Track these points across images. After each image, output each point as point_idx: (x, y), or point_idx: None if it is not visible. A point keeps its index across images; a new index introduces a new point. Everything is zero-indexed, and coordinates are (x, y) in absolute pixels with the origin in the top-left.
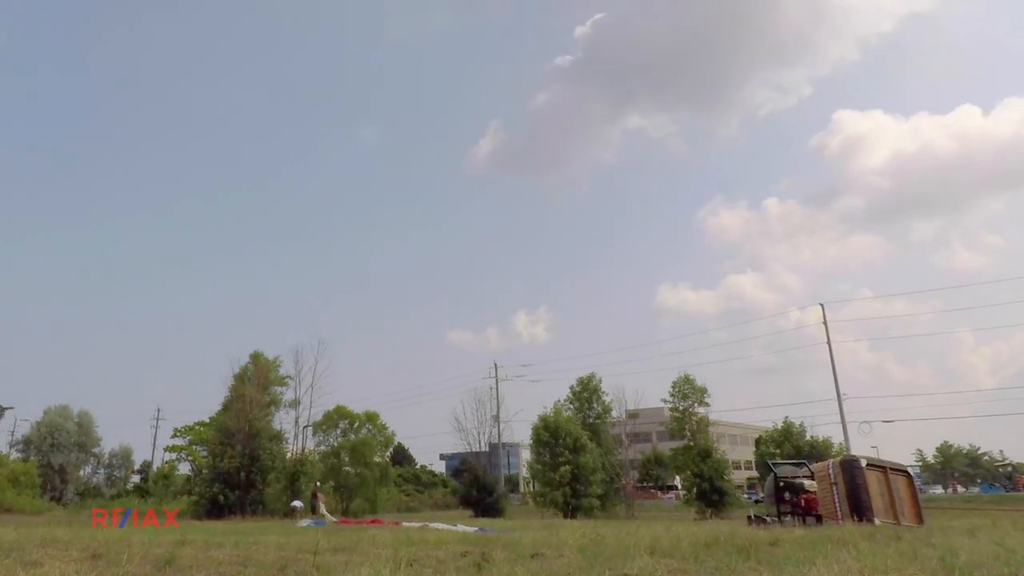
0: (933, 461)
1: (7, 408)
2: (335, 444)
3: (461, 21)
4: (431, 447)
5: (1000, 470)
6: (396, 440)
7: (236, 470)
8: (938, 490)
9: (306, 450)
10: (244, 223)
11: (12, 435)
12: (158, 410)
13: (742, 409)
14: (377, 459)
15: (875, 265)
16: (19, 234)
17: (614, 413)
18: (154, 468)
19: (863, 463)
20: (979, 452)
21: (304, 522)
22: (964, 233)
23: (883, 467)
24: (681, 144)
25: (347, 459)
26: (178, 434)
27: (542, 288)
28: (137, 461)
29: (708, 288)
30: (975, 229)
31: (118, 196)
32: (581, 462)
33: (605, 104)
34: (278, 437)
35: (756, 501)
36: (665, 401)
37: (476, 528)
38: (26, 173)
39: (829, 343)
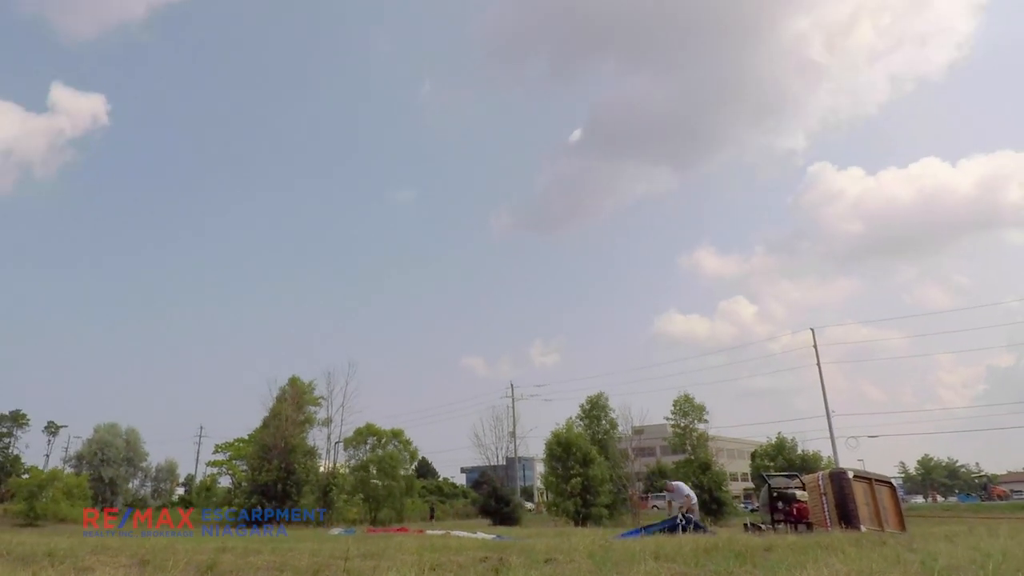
0: (915, 473)
1: (61, 426)
2: (364, 459)
3: (489, 106)
4: (453, 461)
5: (976, 481)
6: (420, 455)
7: (273, 483)
8: (919, 500)
9: (337, 464)
10: (285, 258)
11: (66, 451)
12: (201, 428)
13: (738, 425)
14: (403, 472)
15: (855, 301)
16: (73, 265)
17: (621, 429)
18: (197, 481)
19: (850, 475)
20: (956, 465)
21: (336, 531)
22: (936, 273)
23: (868, 478)
24: (678, 198)
25: (375, 472)
26: (219, 450)
27: (554, 321)
28: (181, 475)
29: (705, 317)
30: (945, 270)
31: (177, 232)
32: (591, 474)
33: (610, 167)
34: (312, 453)
35: (752, 510)
36: (668, 418)
37: (494, 535)
38: (87, 205)
39: (819, 365)
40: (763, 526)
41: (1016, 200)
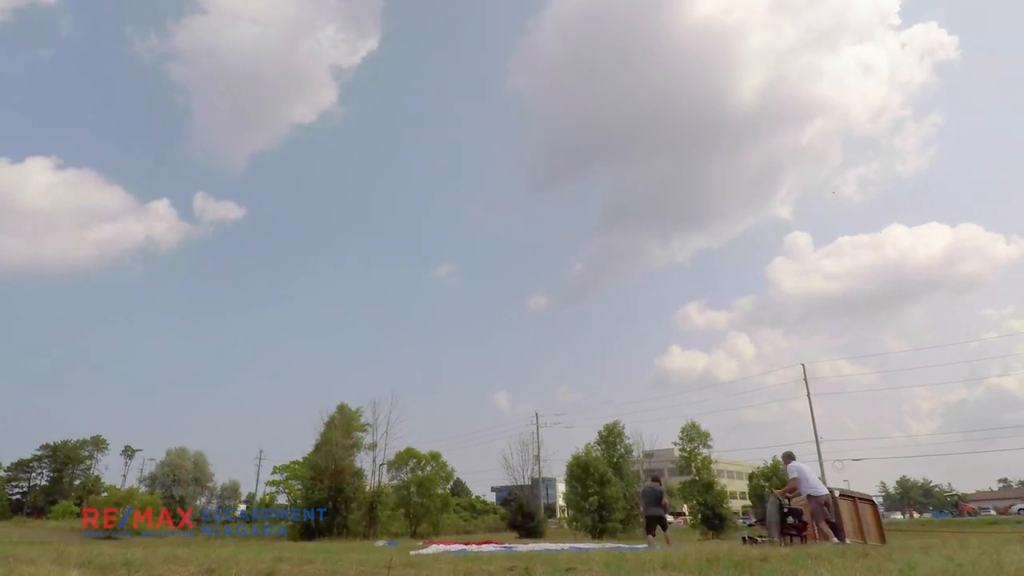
0: (894, 492)
1: (137, 450)
2: (405, 479)
3: (523, 214)
4: (484, 481)
5: (948, 499)
6: (455, 475)
7: (325, 500)
8: (897, 516)
9: (381, 484)
10: (338, 310)
11: (141, 472)
12: (260, 451)
13: (738, 449)
14: (440, 491)
15: (833, 350)
16: (166, 317)
17: (634, 453)
18: (257, 499)
19: (836, 494)
20: (931, 485)
21: (380, 542)
22: (904, 327)
23: (852, 497)
24: (676, 266)
25: (415, 491)
26: (277, 471)
27: (576, 369)
28: (243, 493)
29: (706, 354)
30: (910, 324)
31: (263, 292)
32: (607, 493)
33: (627, 244)
34: (359, 474)
35: (749, 525)
36: (676, 443)
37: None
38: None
39: (809, 396)
40: (760, 539)
41: (971, 270)
